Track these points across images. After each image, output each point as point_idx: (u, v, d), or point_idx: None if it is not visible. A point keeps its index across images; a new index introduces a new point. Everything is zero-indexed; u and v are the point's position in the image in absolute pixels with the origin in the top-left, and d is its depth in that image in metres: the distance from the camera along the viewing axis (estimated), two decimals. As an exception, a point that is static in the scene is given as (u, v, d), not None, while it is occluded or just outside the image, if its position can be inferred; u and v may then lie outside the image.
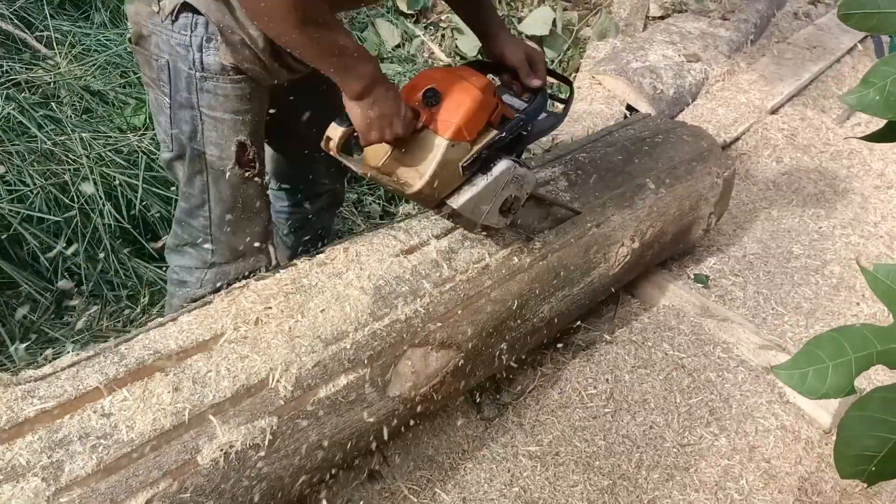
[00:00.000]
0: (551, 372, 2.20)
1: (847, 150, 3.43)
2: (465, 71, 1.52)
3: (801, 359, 0.87)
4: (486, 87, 1.49)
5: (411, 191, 1.48)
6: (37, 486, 1.15)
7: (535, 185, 1.68)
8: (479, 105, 1.46)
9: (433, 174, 1.46)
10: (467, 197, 1.54)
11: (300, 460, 1.45)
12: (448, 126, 1.45)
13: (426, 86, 1.46)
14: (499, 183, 1.56)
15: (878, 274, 0.87)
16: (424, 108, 1.46)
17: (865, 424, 0.81)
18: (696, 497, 1.89)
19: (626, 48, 3.73)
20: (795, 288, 2.65)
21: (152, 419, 1.28)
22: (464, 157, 1.49)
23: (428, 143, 1.47)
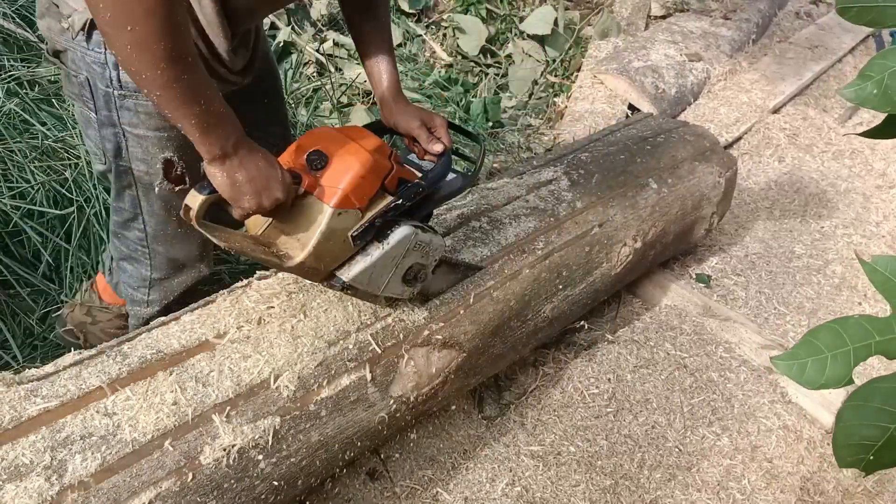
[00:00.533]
0: (553, 371, 2.20)
1: (849, 149, 3.43)
2: (357, 132, 1.39)
3: (800, 349, 0.87)
4: (378, 149, 1.35)
5: (291, 263, 1.32)
6: (40, 485, 1.15)
7: (443, 249, 1.54)
8: (368, 169, 1.30)
9: (316, 245, 1.30)
10: (360, 269, 1.39)
11: (302, 460, 1.45)
12: (334, 193, 1.29)
13: (311, 147, 1.32)
14: (398, 251, 1.42)
15: (877, 266, 0.87)
16: (309, 172, 1.30)
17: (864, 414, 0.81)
18: (699, 497, 1.89)
19: (628, 47, 3.73)
20: (797, 288, 2.65)
21: (155, 419, 1.28)
22: (353, 227, 1.34)
23: (312, 211, 1.31)
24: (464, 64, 3.66)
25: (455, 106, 3.28)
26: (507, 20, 3.91)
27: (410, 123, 1.53)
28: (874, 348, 0.84)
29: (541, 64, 3.75)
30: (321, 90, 3.08)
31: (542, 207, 1.97)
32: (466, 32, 3.69)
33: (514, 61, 3.72)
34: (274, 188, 1.21)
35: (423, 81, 3.42)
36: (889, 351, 0.83)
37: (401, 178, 1.40)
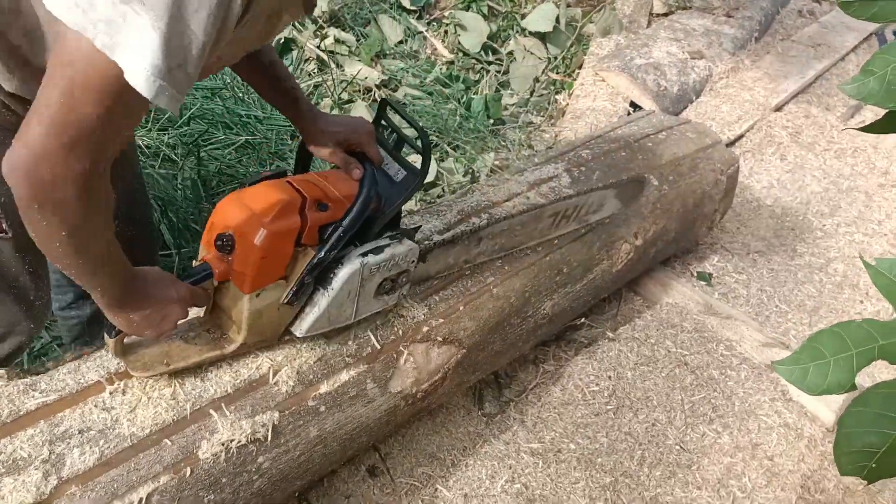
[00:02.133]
0: (553, 369, 2.20)
1: (851, 147, 3.42)
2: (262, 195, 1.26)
3: (802, 354, 0.86)
4: (281, 212, 1.24)
5: (232, 348, 1.32)
6: (38, 479, 1.15)
7: (416, 251, 1.45)
8: (268, 244, 1.23)
9: (249, 328, 1.30)
10: (311, 321, 1.35)
11: (301, 456, 1.45)
12: (243, 280, 1.25)
13: (219, 227, 1.25)
14: (350, 286, 1.35)
15: (880, 268, 0.87)
16: (221, 257, 1.25)
17: (866, 421, 0.80)
18: (699, 494, 1.88)
19: (630, 45, 3.72)
20: (799, 286, 2.64)
21: (153, 413, 1.27)
22: (281, 296, 1.30)
23: (235, 296, 1.29)
24: (465, 61, 3.65)
25: (456, 103, 3.27)
26: (508, 17, 3.91)
27: (321, 152, 1.42)
28: (877, 352, 0.83)
29: (542, 61, 3.75)
30: (322, 86, 3.08)
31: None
32: (468, 29, 3.68)
33: (515, 58, 3.71)
34: (172, 314, 1.20)
35: (425, 78, 3.42)
36: (892, 355, 0.82)
37: (322, 226, 1.30)
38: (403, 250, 1.42)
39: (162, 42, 0.85)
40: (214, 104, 2.68)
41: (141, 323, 1.17)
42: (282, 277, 1.29)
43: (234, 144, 2.56)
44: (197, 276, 1.25)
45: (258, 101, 2.81)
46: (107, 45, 0.84)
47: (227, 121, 2.62)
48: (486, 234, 1.66)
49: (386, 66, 3.42)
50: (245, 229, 1.23)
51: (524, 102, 3.54)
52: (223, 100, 2.72)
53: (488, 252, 1.68)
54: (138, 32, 0.84)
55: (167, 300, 1.18)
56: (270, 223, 1.23)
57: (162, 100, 0.88)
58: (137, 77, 0.85)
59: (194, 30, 0.87)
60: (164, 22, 0.85)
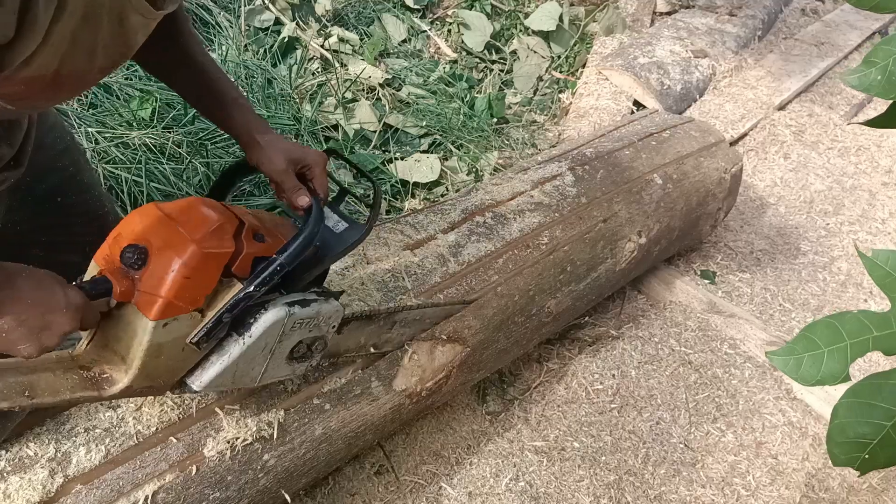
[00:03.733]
0: (557, 367, 2.20)
1: (855, 146, 3.41)
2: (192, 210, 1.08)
3: (796, 345, 0.86)
4: (215, 232, 1.06)
5: (114, 390, 1.06)
6: (44, 477, 1.15)
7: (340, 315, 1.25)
8: (196, 266, 1.02)
9: (142, 366, 1.04)
10: (214, 373, 1.12)
11: (306, 454, 1.45)
12: (153, 301, 1.01)
13: (131, 238, 1.04)
14: (268, 340, 1.14)
15: (876, 260, 0.86)
16: (125, 273, 1.03)
17: (859, 411, 0.80)
18: (703, 493, 1.88)
19: (633, 44, 3.72)
20: (803, 284, 2.64)
21: (159, 411, 1.28)
22: (192, 332, 1.07)
23: (132, 322, 1.04)
24: (468, 60, 3.65)
25: (460, 102, 3.27)
26: (512, 16, 3.90)
27: (272, 166, 1.24)
28: (871, 344, 0.83)
29: (546, 60, 3.75)
30: (326, 86, 3.08)
31: (547, 203, 1.97)
32: (471, 28, 3.68)
33: (518, 57, 3.71)
34: (58, 322, 0.94)
35: (428, 77, 3.42)
36: (887, 347, 0.82)
37: (258, 258, 1.11)
38: (329, 311, 1.22)
39: None
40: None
41: (14, 335, 0.91)
42: (197, 309, 1.06)
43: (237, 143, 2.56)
44: (89, 290, 1.00)
45: (262, 101, 2.81)
46: None
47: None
48: (400, 319, 1.52)
49: (389, 65, 3.42)
50: (166, 243, 1.03)
51: (527, 101, 3.53)
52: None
53: (395, 341, 1.55)
54: None
55: (51, 306, 0.94)
56: (202, 240, 1.03)
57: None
58: None
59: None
60: None
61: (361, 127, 2.94)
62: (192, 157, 2.41)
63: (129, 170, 2.29)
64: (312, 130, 2.82)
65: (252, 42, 3.18)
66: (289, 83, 3.00)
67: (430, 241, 1.75)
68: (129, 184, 2.27)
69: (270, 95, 2.88)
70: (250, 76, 2.93)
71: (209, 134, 2.52)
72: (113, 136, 2.35)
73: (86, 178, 1.45)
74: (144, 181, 2.27)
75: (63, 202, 1.36)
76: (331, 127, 2.92)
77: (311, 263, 1.18)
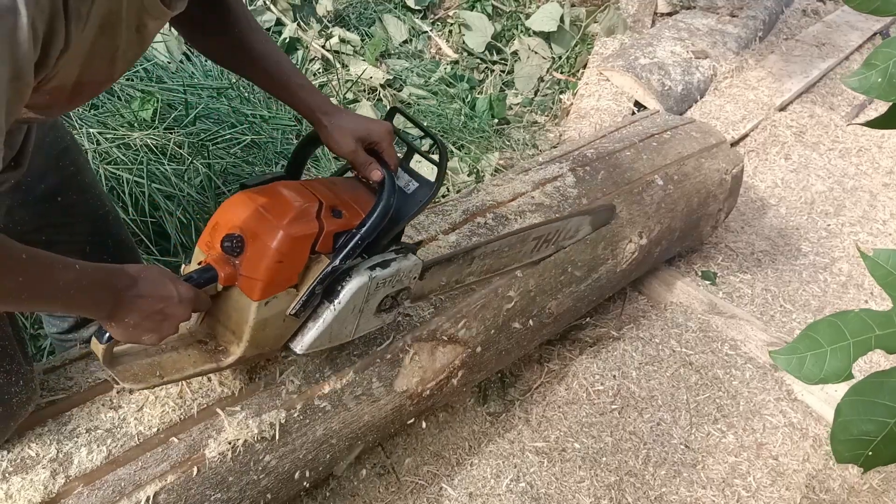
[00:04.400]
0: (558, 368, 2.20)
1: (856, 147, 3.41)
2: (276, 198, 1.20)
3: (799, 344, 0.86)
4: (298, 216, 1.17)
5: (229, 360, 1.21)
6: (46, 477, 1.16)
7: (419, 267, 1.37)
8: (287, 248, 1.15)
9: (251, 339, 1.19)
10: (312, 337, 1.26)
11: (307, 454, 1.45)
12: (254, 286, 1.15)
13: (227, 227, 1.17)
14: (355, 302, 1.27)
15: (878, 259, 0.87)
16: (226, 259, 1.16)
17: (862, 409, 0.80)
18: (703, 494, 1.88)
19: (634, 44, 3.72)
20: (804, 285, 2.64)
21: (161, 412, 1.28)
22: (289, 306, 1.21)
23: (238, 303, 1.18)
24: (470, 60, 3.66)
25: (461, 102, 3.27)
26: (513, 17, 3.91)
27: (342, 148, 1.33)
28: (874, 342, 0.83)
29: (547, 61, 3.75)
30: (327, 86, 3.09)
31: (548, 204, 1.97)
32: (472, 29, 3.68)
33: (520, 58, 3.71)
34: (173, 316, 1.10)
35: (429, 78, 3.42)
36: (889, 345, 0.83)
37: (337, 233, 1.22)
38: (408, 265, 1.34)
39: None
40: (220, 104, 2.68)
41: (138, 328, 1.07)
42: (293, 286, 1.20)
43: (240, 144, 2.56)
44: (197, 279, 1.15)
45: (263, 101, 2.81)
46: None
47: (233, 120, 2.63)
48: (479, 253, 1.62)
49: (391, 66, 3.42)
50: (259, 231, 1.15)
51: (528, 102, 3.54)
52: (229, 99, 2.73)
53: (477, 273, 1.65)
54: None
55: (168, 300, 1.08)
56: (289, 225, 1.15)
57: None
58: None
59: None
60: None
61: (362, 127, 2.93)
62: (193, 157, 2.41)
63: (130, 171, 2.29)
64: (313, 131, 2.82)
65: (253, 43, 3.18)
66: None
67: (431, 242, 1.75)
68: (131, 185, 2.28)
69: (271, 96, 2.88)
70: (251, 77, 2.93)
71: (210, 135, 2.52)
72: (114, 136, 2.35)
73: (86, 178, 1.47)
74: (146, 182, 2.27)
75: (63, 202, 1.37)
76: (332, 127, 2.92)
77: (387, 228, 1.27)
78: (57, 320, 1.63)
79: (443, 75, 3.44)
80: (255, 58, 1.31)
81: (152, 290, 1.07)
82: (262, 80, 1.37)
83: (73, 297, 0.99)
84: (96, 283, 1.02)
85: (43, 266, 0.94)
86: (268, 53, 1.32)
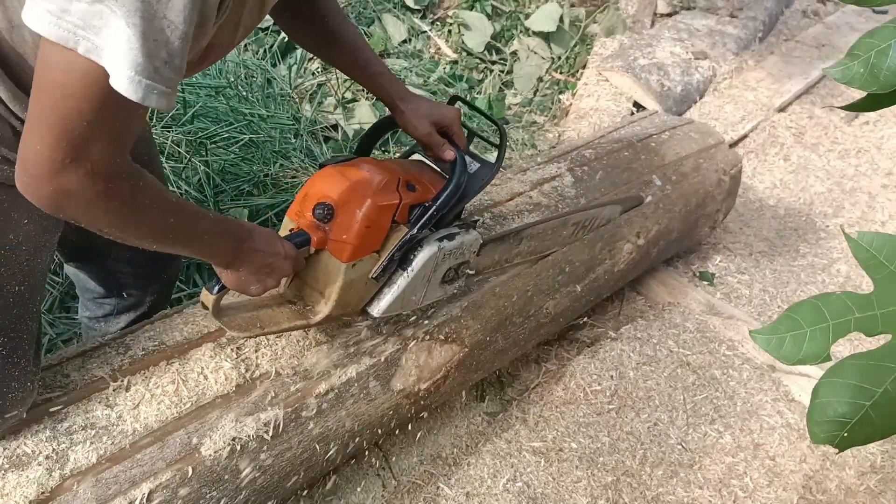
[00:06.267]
0: (556, 368, 2.20)
1: (855, 148, 3.41)
2: (361, 170, 1.33)
3: (780, 325, 0.87)
4: (383, 187, 1.31)
5: (317, 318, 1.34)
6: (41, 474, 1.16)
7: (479, 242, 1.51)
8: (374, 215, 1.29)
9: (338, 299, 1.32)
10: (388, 301, 1.41)
11: (303, 453, 1.45)
12: (343, 248, 1.29)
13: (318, 197, 1.30)
14: (425, 271, 1.41)
15: (861, 241, 0.87)
16: (317, 226, 1.29)
17: (839, 391, 0.80)
18: (700, 494, 1.88)
19: (634, 45, 3.72)
20: (802, 286, 2.64)
21: (157, 410, 1.28)
22: (372, 269, 1.35)
23: (327, 266, 1.31)
24: (469, 60, 3.66)
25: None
26: (512, 17, 3.91)
27: (418, 130, 1.47)
28: (853, 325, 0.83)
29: (546, 61, 3.75)
30: (325, 85, 3.09)
31: (546, 204, 1.97)
32: (472, 29, 3.68)
33: (519, 58, 3.71)
34: (278, 269, 1.23)
35: (428, 78, 3.42)
36: (868, 328, 0.83)
37: (412, 205, 1.37)
38: (471, 239, 1.48)
39: (140, 40, 0.80)
40: (218, 102, 2.68)
41: (249, 278, 1.20)
42: (375, 251, 1.34)
43: (239, 143, 2.56)
44: (294, 242, 1.27)
45: (262, 100, 2.82)
46: (90, 49, 0.80)
47: (231, 119, 2.63)
48: (527, 234, 1.74)
49: (390, 66, 3.42)
50: (348, 199, 1.28)
51: (527, 102, 3.54)
52: (227, 98, 2.73)
53: (524, 253, 1.76)
54: (117, 33, 0.79)
55: (276, 255, 1.21)
56: (375, 195, 1.29)
57: (151, 99, 0.84)
58: (121, 81, 0.81)
59: (172, 20, 0.81)
60: (138, 17, 0.79)
61: (361, 127, 2.94)
62: (191, 156, 2.41)
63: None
64: (312, 130, 2.83)
65: (252, 42, 3.19)
66: (288, 83, 3.01)
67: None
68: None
69: (270, 95, 2.88)
70: (250, 76, 2.93)
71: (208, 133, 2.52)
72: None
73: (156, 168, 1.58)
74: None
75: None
76: (330, 127, 2.92)
77: (456, 203, 1.41)
78: (94, 306, 1.70)
79: (442, 75, 3.44)
80: (343, 47, 1.44)
81: (264, 245, 1.19)
82: (347, 67, 1.50)
83: (206, 242, 1.11)
84: (225, 233, 1.14)
85: (189, 213, 1.06)
86: (354, 43, 1.45)
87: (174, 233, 1.04)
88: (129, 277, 1.63)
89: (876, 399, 0.78)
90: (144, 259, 1.54)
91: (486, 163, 1.51)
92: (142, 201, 0.97)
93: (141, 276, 1.65)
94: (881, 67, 0.85)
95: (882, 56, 0.85)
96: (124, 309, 1.69)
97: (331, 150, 2.78)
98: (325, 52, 1.49)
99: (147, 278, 1.67)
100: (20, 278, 1.12)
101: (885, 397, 0.78)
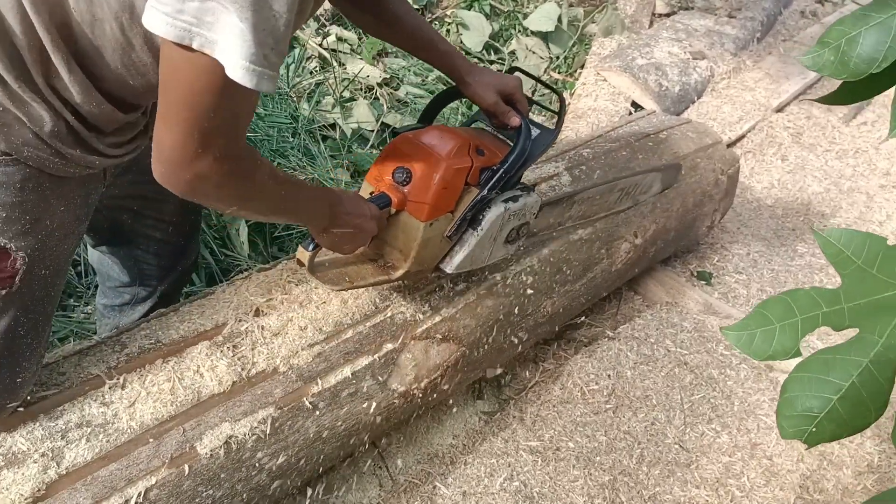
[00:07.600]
0: (553, 367, 2.20)
1: (853, 148, 3.42)
2: (437, 136, 1.42)
3: (751, 321, 0.87)
4: (457, 151, 1.40)
5: (398, 274, 1.43)
6: (36, 472, 1.15)
7: (538, 203, 1.60)
8: (450, 177, 1.39)
9: (416, 256, 1.42)
10: (460, 259, 1.50)
11: (300, 452, 1.45)
12: (422, 209, 1.38)
13: (396, 162, 1.40)
14: (493, 230, 1.50)
15: (829, 237, 0.87)
16: (397, 188, 1.39)
17: (808, 385, 0.80)
18: (697, 493, 1.88)
19: (632, 45, 3.72)
20: (799, 286, 2.62)
21: (153, 408, 1.28)
22: (447, 228, 1.44)
23: (406, 225, 1.41)
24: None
25: (458, 102, 3.27)
26: (510, 17, 3.91)
27: (485, 100, 1.56)
28: (821, 319, 0.83)
29: (544, 61, 3.75)
30: (324, 84, 3.08)
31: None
32: (470, 28, 3.68)
33: (517, 58, 3.71)
34: (367, 231, 1.34)
35: (426, 77, 3.42)
36: (835, 322, 0.83)
37: (482, 168, 1.45)
38: (532, 202, 1.56)
39: (252, 32, 0.88)
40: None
41: (342, 238, 1.32)
42: (450, 211, 1.42)
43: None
44: (376, 203, 1.36)
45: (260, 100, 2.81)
46: (204, 45, 0.89)
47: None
48: (579, 198, 1.87)
49: (388, 65, 3.42)
50: (426, 163, 1.37)
51: (526, 102, 3.53)
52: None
53: (574, 217, 1.86)
54: (229, 27, 0.88)
55: (364, 217, 1.31)
56: (449, 158, 1.38)
57: (263, 85, 0.92)
58: (237, 71, 0.90)
59: (277, 10, 0.90)
60: (250, 11, 0.87)
61: (359, 126, 2.94)
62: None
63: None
64: (309, 129, 2.82)
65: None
66: (286, 82, 3.01)
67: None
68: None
69: (268, 94, 2.88)
70: (248, 75, 2.92)
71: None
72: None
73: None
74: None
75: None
76: (328, 126, 2.92)
77: (521, 166, 1.50)
78: (113, 294, 1.75)
79: (440, 74, 3.44)
80: (407, 30, 1.53)
81: (354, 208, 1.30)
82: (411, 47, 1.59)
83: (309, 209, 1.23)
84: (322, 199, 1.26)
85: (293, 184, 1.19)
86: (417, 26, 1.54)
87: (285, 202, 1.16)
88: (154, 268, 1.70)
89: (843, 393, 0.78)
90: (170, 251, 1.67)
91: (544, 129, 1.59)
92: (260, 177, 1.09)
93: (163, 268, 1.71)
94: (851, 55, 0.85)
95: (852, 43, 0.85)
96: (140, 300, 1.75)
97: (328, 149, 2.78)
98: (388, 34, 1.58)
99: (168, 270, 1.73)
100: (48, 262, 1.18)
101: (852, 390, 0.78)
